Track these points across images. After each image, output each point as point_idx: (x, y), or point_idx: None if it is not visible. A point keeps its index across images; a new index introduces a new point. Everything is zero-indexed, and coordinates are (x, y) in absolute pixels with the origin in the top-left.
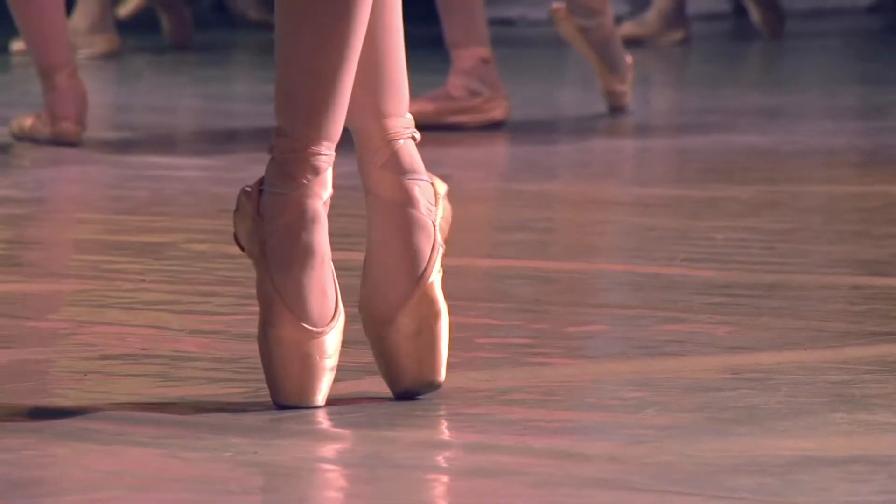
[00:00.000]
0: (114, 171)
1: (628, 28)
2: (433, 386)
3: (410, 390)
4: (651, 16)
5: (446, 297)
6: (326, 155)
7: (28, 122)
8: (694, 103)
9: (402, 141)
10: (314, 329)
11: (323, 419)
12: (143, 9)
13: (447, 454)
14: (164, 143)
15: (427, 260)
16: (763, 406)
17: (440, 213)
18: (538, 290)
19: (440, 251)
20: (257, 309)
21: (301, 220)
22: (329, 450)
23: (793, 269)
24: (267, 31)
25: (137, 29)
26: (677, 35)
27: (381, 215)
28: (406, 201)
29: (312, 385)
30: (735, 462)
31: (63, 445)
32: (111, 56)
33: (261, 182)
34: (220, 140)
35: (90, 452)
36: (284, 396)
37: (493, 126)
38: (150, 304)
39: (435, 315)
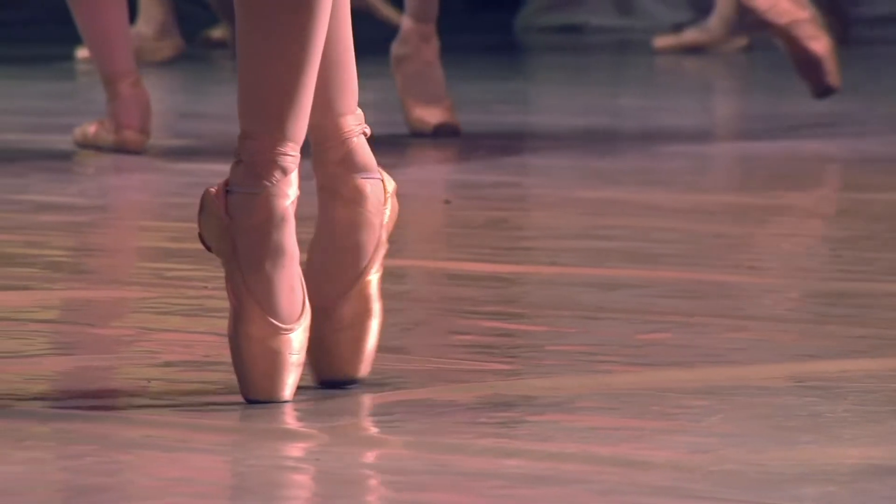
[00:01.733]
0: (177, 179)
1: (691, 35)
2: (353, 381)
3: (331, 381)
4: (714, 22)
5: (383, 295)
6: (292, 156)
7: (91, 129)
8: (758, 110)
9: (355, 138)
10: (283, 326)
11: (380, 427)
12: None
13: (511, 462)
14: (227, 150)
15: (368, 258)
16: (829, 414)
17: (388, 211)
18: (601, 297)
19: (383, 250)
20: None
21: (270, 220)
22: (388, 456)
23: (859, 277)
24: None
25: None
26: (741, 41)
27: (331, 210)
28: (357, 199)
29: (282, 380)
30: (800, 471)
31: (127, 452)
32: (175, 62)
33: (226, 183)
34: None
35: (154, 459)
36: (254, 392)
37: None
38: (213, 311)
39: (367, 312)
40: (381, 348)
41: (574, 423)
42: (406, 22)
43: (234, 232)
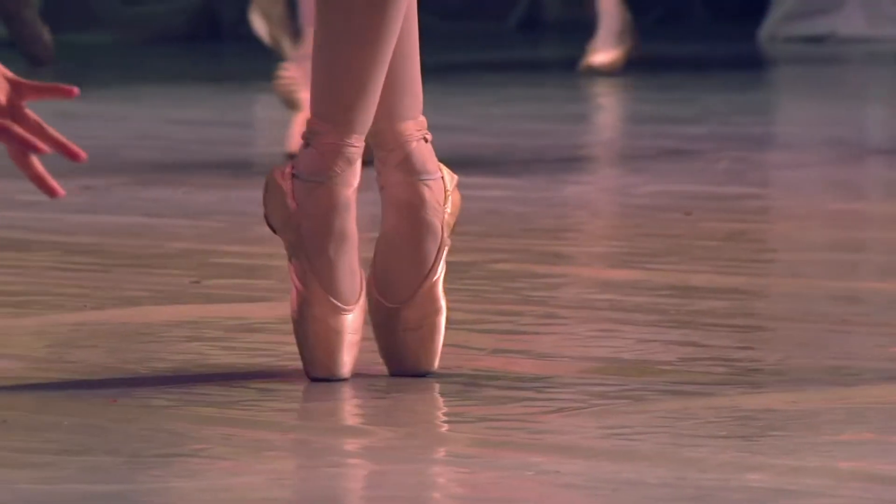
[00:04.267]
0: None
1: None
2: (423, 374)
3: (401, 375)
4: None
5: (446, 293)
6: (357, 147)
7: None
8: None
9: (414, 143)
10: (344, 307)
11: (620, 440)
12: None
13: (753, 476)
14: (468, 162)
15: (431, 263)
16: None
17: (448, 208)
18: (846, 310)
19: (445, 250)
20: (561, 328)
21: (335, 208)
22: (627, 469)
23: None
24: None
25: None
26: None
27: (392, 213)
28: (416, 203)
29: (341, 358)
30: None
31: (372, 462)
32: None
33: (292, 167)
34: (524, 159)
35: (393, 472)
36: (316, 369)
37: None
38: (451, 322)
39: (435, 312)
40: (622, 360)
41: (817, 436)
42: None
43: (299, 218)
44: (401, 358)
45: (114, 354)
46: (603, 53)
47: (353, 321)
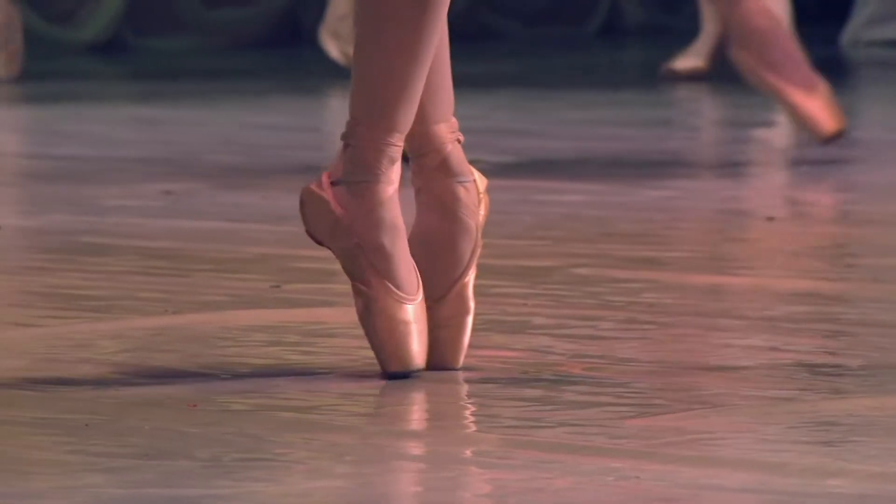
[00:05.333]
0: (496, 196)
1: None
2: (451, 369)
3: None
4: None
5: (476, 295)
6: (399, 146)
7: None
8: None
9: (450, 146)
10: (407, 297)
11: (700, 446)
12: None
13: (834, 482)
14: (547, 167)
15: (465, 263)
16: None
17: (482, 210)
18: None
19: (479, 251)
20: (641, 333)
21: (382, 203)
22: (708, 475)
23: None
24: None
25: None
26: None
27: (429, 214)
28: (454, 204)
29: (412, 348)
30: None
31: (447, 468)
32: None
33: (328, 176)
34: (603, 164)
35: (471, 476)
36: (390, 364)
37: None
38: (532, 327)
39: (465, 312)
40: (703, 365)
41: None
42: None
43: (349, 220)
44: (429, 354)
45: (193, 359)
46: (688, 60)
47: (415, 311)
